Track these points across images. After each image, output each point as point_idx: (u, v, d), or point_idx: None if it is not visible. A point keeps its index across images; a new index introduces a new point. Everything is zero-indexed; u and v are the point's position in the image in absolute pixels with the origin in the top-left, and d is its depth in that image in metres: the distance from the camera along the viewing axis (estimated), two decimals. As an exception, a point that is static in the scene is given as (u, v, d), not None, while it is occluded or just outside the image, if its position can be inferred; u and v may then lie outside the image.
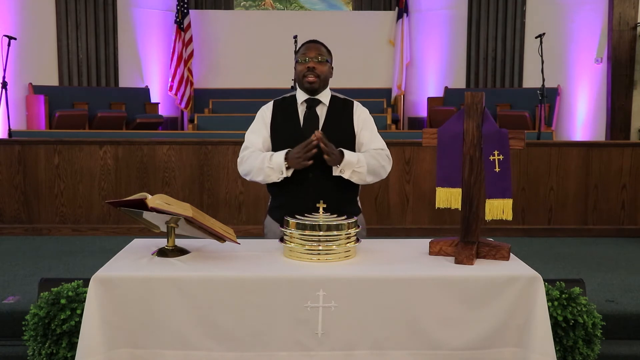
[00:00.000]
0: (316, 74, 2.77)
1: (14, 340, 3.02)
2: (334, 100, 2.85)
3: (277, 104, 2.89)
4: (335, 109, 2.82)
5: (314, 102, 2.82)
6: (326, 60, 2.81)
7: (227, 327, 2.06)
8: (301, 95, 2.84)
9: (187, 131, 9.02)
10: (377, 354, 2.08)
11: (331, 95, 2.86)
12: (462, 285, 2.09)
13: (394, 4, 10.38)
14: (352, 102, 2.89)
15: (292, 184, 2.74)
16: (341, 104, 2.86)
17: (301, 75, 2.79)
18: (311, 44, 2.83)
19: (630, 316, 3.29)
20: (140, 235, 3.98)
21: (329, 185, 2.72)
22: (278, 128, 2.83)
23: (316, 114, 2.81)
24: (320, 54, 2.79)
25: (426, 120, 9.80)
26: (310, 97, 2.82)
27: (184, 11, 9.85)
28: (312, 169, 2.70)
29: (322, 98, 2.83)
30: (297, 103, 2.84)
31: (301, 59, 2.79)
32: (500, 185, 2.26)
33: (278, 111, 2.86)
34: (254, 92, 9.80)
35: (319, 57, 2.78)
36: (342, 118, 2.81)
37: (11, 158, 5.33)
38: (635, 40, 8.86)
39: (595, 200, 5.45)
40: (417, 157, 5.27)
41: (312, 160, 2.64)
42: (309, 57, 2.77)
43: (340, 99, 2.88)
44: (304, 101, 2.83)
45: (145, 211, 2.20)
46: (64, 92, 9.10)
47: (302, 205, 2.47)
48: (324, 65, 2.80)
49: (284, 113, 2.85)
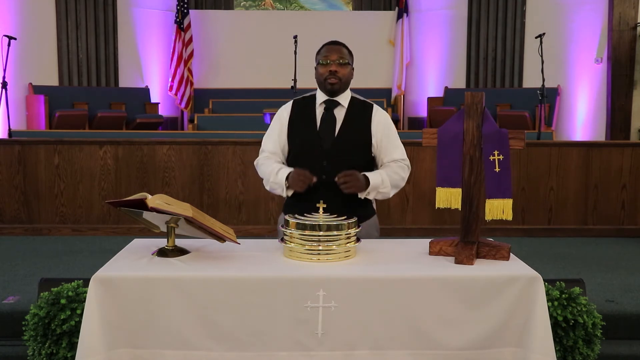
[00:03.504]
0: (338, 77, 2.75)
1: (14, 340, 3.02)
2: (352, 103, 2.83)
3: (296, 104, 2.88)
4: (353, 112, 2.80)
5: (333, 103, 2.80)
6: (347, 62, 2.79)
7: (227, 327, 2.06)
8: (320, 96, 2.83)
9: (187, 131, 9.02)
10: (377, 354, 2.08)
11: (351, 97, 2.84)
12: (462, 285, 2.09)
13: (394, 4, 10.38)
14: (372, 105, 2.87)
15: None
16: (360, 107, 2.84)
17: (323, 77, 2.77)
18: (333, 45, 2.81)
19: (630, 316, 3.29)
20: (140, 235, 3.98)
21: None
22: (295, 128, 2.82)
23: (334, 116, 2.79)
24: (342, 56, 2.77)
25: (426, 120, 9.80)
26: (329, 99, 2.81)
27: (184, 11, 9.85)
28: (326, 171, 2.70)
29: (341, 100, 2.80)
30: (316, 104, 2.83)
31: (323, 61, 2.77)
32: (500, 185, 2.26)
33: (296, 111, 2.85)
34: (254, 92, 9.81)
35: (341, 60, 2.76)
36: (359, 121, 2.79)
37: (11, 158, 5.33)
38: (635, 40, 8.86)
39: (595, 200, 5.45)
40: (417, 157, 5.27)
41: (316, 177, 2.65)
42: (331, 60, 2.76)
43: (359, 101, 2.85)
44: (322, 102, 2.81)
45: (145, 211, 2.20)
46: (64, 92, 9.10)
47: (316, 205, 2.47)
48: (346, 67, 2.78)
49: (301, 113, 2.83)
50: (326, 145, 2.74)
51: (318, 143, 2.75)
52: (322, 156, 2.74)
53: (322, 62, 2.77)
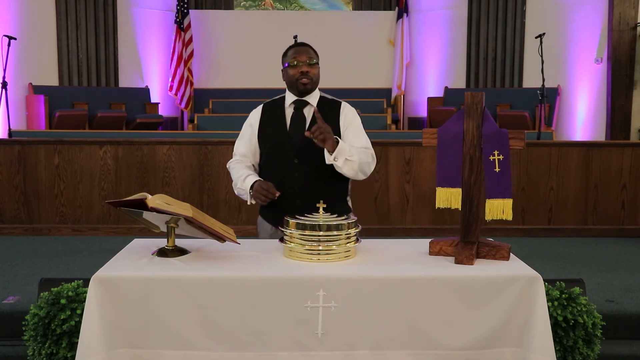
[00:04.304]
0: (310, 77, 2.83)
1: (14, 340, 3.02)
2: (321, 101, 2.90)
3: (265, 107, 2.96)
4: (322, 110, 2.84)
5: (302, 103, 2.88)
6: (316, 62, 2.88)
7: (227, 327, 2.06)
8: (290, 97, 2.90)
9: (187, 131, 9.02)
10: (377, 354, 2.08)
11: (320, 96, 2.92)
12: (462, 285, 2.09)
13: (394, 4, 10.38)
14: (340, 102, 2.94)
15: (281, 181, 2.78)
16: (328, 105, 2.90)
17: (294, 78, 2.83)
18: (300, 47, 2.90)
19: (630, 316, 3.29)
20: (140, 235, 3.98)
21: (318, 183, 2.77)
22: (265, 130, 2.89)
23: (303, 115, 2.87)
24: (310, 57, 2.85)
25: (426, 120, 9.80)
26: (298, 99, 2.88)
27: (184, 11, 9.85)
28: (298, 168, 2.77)
29: (310, 99, 2.88)
30: (285, 105, 2.90)
31: (292, 63, 2.84)
32: (500, 185, 2.25)
33: (266, 114, 2.93)
34: (254, 92, 9.80)
35: (310, 60, 2.84)
36: (328, 119, 2.82)
37: (11, 158, 5.33)
38: (635, 40, 8.86)
39: (595, 200, 5.45)
40: (417, 157, 5.27)
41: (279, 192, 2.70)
42: (301, 61, 2.83)
43: (327, 100, 2.93)
44: (292, 102, 2.88)
45: (145, 211, 2.20)
46: (64, 92, 9.10)
47: (291, 204, 2.50)
48: (315, 67, 2.87)
49: (271, 115, 2.91)
50: (297, 143, 2.80)
51: (288, 142, 2.82)
52: (293, 154, 2.80)
53: (291, 64, 2.84)
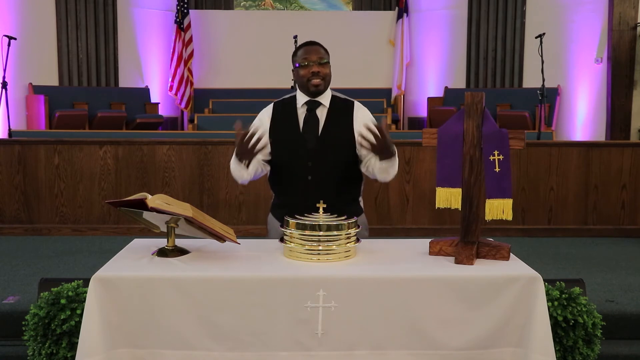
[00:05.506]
0: (321, 77, 2.74)
1: (14, 340, 3.02)
2: (334, 101, 2.82)
3: (276, 107, 2.86)
4: (335, 110, 2.80)
5: (315, 104, 2.79)
6: (327, 61, 2.78)
7: (227, 327, 2.06)
8: (301, 98, 2.81)
9: (187, 131, 9.02)
10: (377, 354, 2.08)
11: (332, 96, 2.83)
12: (462, 285, 2.09)
13: (394, 4, 10.38)
14: (353, 102, 2.86)
15: (293, 183, 2.76)
16: (342, 105, 2.83)
17: (305, 79, 2.75)
18: (310, 46, 2.79)
19: (630, 316, 3.29)
20: (140, 235, 3.98)
21: (331, 185, 2.73)
22: (278, 131, 2.80)
23: (316, 117, 2.78)
24: (321, 56, 2.76)
25: (426, 120, 9.80)
26: (310, 100, 2.79)
27: (184, 11, 9.85)
28: (311, 171, 2.72)
29: (322, 100, 2.79)
30: (297, 105, 2.81)
31: (303, 63, 2.75)
32: (500, 185, 2.25)
33: (278, 114, 2.84)
34: (254, 92, 9.80)
35: (321, 60, 2.75)
36: (342, 119, 2.79)
37: (11, 158, 5.33)
38: (635, 40, 8.86)
39: (595, 200, 5.45)
40: (417, 157, 5.27)
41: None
42: (311, 61, 2.74)
43: (340, 100, 2.85)
44: (304, 103, 2.80)
45: (145, 211, 2.20)
46: (64, 92, 9.10)
47: (303, 204, 2.47)
48: (326, 67, 2.77)
49: (283, 116, 2.82)
50: (310, 146, 2.74)
51: (302, 144, 2.74)
52: (307, 157, 2.74)
53: (302, 64, 2.75)
